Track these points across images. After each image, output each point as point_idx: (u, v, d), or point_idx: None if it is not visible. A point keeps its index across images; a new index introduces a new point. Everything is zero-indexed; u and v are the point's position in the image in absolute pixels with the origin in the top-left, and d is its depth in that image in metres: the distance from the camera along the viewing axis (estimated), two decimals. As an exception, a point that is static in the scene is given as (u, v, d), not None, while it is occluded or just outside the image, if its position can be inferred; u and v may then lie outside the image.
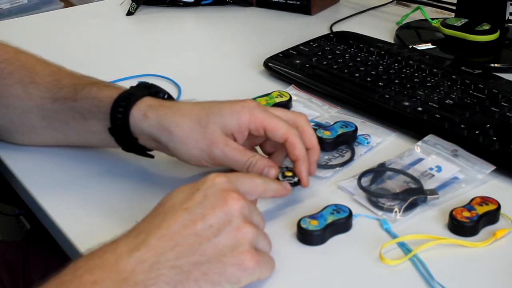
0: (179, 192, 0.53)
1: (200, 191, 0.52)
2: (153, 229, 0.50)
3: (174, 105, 0.64)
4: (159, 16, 1.21)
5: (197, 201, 0.51)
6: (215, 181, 0.53)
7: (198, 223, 0.50)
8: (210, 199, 0.51)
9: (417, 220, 0.62)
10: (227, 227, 0.51)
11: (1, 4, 1.80)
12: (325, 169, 0.70)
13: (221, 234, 0.50)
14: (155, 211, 0.53)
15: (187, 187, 0.53)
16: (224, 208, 0.51)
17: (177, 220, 0.50)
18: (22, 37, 1.13)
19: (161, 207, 0.52)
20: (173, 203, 0.52)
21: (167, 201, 0.53)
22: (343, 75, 0.86)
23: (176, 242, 0.49)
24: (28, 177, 0.71)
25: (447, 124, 0.74)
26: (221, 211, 0.51)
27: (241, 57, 1.01)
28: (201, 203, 0.51)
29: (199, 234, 0.50)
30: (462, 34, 0.98)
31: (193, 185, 0.53)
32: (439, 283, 0.54)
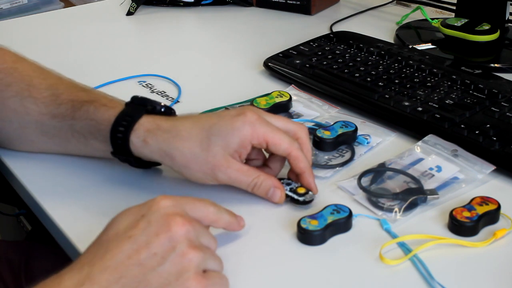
0: (123, 218, 0.51)
1: (145, 217, 0.50)
2: (97, 261, 0.48)
3: (172, 128, 0.63)
4: (159, 16, 1.21)
5: (141, 228, 0.50)
6: (159, 206, 0.51)
7: (142, 252, 0.49)
8: (154, 225, 0.50)
9: (417, 220, 0.62)
10: (172, 254, 0.49)
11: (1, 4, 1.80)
12: (325, 169, 0.70)
13: (165, 262, 0.49)
14: (99, 239, 0.51)
15: (132, 212, 0.52)
16: (168, 234, 0.49)
17: (120, 250, 0.48)
18: (22, 37, 1.13)
19: (105, 234, 0.51)
20: (117, 230, 0.50)
21: (111, 227, 0.51)
22: (343, 75, 0.86)
23: (120, 274, 0.48)
24: (28, 178, 0.71)
25: (447, 124, 0.74)
26: (165, 238, 0.49)
27: (241, 57, 1.01)
28: (145, 230, 0.49)
29: (143, 263, 0.48)
30: (462, 34, 0.98)
31: (138, 210, 0.52)
32: (439, 283, 0.54)
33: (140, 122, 0.64)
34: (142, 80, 0.94)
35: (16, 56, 0.75)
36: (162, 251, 0.49)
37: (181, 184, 0.67)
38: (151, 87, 0.91)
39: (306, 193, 0.64)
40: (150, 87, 0.91)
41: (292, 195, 0.64)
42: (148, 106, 0.66)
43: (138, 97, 0.67)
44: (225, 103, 0.82)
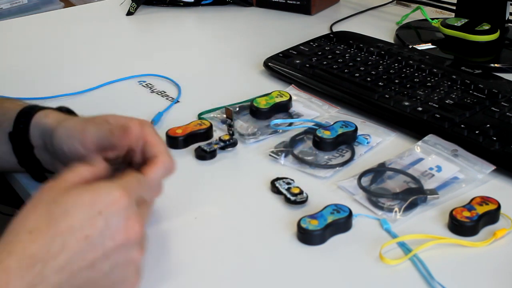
0: (76, 207, 0.49)
1: (102, 215, 0.48)
2: (50, 259, 0.46)
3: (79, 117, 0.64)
4: (159, 16, 1.21)
5: (98, 228, 0.48)
6: (119, 205, 0.49)
7: (97, 255, 0.48)
8: (111, 228, 0.49)
9: (417, 220, 0.62)
10: (123, 260, 0.50)
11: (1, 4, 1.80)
12: (325, 169, 0.70)
13: (116, 268, 0.49)
14: (47, 231, 0.47)
15: (87, 199, 0.49)
16: (124, 241, 0.49)
17: (75, 251, 0.47)
18: (22, 37, 1.13)
19: (55, 226, 0.47)
20: (72, 223, 0.48)
21: (62, 218, 0.48)
22: (343, 75, 0.86)
23: (72, 275, 0.47)
24: (28, 177, 0.71)
25: (447, 124, 0.74)
26: (121, 244, 0.49)
27: (241, 57, 1.01)
28: (102, 232, 0.48)
29: (95, 267, 0.48)
30: (462, 34, 0.98)
31: (94, 202, 0.49)
32: (439, 283, 0.54)
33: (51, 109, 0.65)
34: (142, 80, 0.94)
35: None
36: (115, 256, 0.49)
37: (188, 187, 0.67)
38: (151, 87, 0.91)
39: (300, 194, 0.65)
40: (150, 87, 0.91)
41: (286, 193, 0.65)
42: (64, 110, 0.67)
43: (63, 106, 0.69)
44: (225, 103, 0.82)
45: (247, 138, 0.76)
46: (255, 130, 0.78)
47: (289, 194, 0.65)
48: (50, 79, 0.96)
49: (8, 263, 0.45)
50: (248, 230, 0.62)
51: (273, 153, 0.73)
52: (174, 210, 0.65)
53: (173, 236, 0.61)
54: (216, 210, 0.65)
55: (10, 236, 0.47)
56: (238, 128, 0.78)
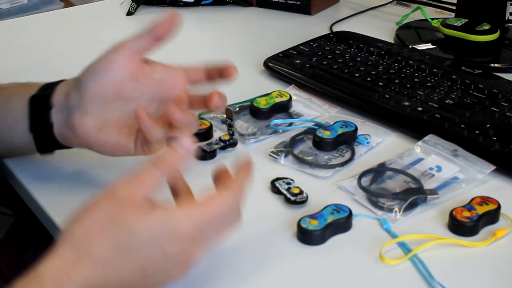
0: (144, 243, 0.48)
1: (164, 252, 0.49)
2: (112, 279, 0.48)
3: None
4: (159, 16, 1.21)
5: (157, 269, 0.49)
6: (184, 245, 0.49)
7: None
8: (168, 269, 0.50)
9: (417, 220, 0.62)
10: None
11: (1, 4, 1.80)
12: (325, 169, 0.70)
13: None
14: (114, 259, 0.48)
15: (154, 234, 0.49)
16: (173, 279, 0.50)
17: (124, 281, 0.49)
18: (22, 37, 1.13)
19: (123, 256, 0.48)
20: (137, 246, 0.48)
21: (131, 252, 0.48)
22: (343, 75, 0.86)
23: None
24: (28, 178, 0.71)
25: (447, 124, 0.74)
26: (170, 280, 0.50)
27: (241, 57, 1.01)
28: (156, 272, 0.49)
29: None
30: (462, 34, 0.98)
31: (159, 236, 0.49)
32: (439, 283, 0.54)
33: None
34: (142, 80, 0.93)
35: None
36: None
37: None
38: (151, 87, 0.91)
39: (300, 194, 0.65)
40: (150, 87, 0.91)
41: (286, 193, 0.65)
42: None
43: None
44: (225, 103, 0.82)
45: (247, 138, 0.76)
46: (255, 130, 0.78)
47: (289, 194, 0.65)
48: (50, 79, 0.95)
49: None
50: (248, 230, 0.62)
51: (273, 153, 0.73)
52: (174, 210, 0.64)
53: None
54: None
55: (70, 253, 0.48)
56: (238, 128, 0.78)
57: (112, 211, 0.49)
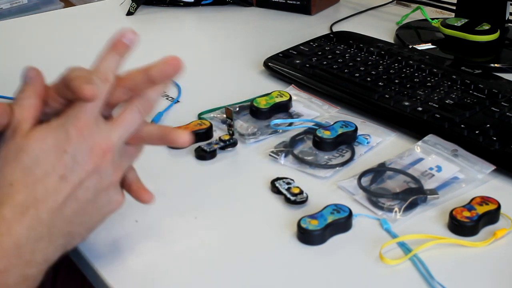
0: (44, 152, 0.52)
1: (69, 154, 0.52)
2: (39, 203, 0.51)
3: None
4: (159, 16, 1.21)
5: (69, 166, 0.52)
6: (79, 139, 0.53)
7: (77, 189, 0.52)
8: (79, 162, 0.52)
9: (417, 220, 0.62)
10: (102, 185, 0.54)
11: (1, 4, 1.80)
12: (325, 169, 0.70)
13: (99, 195, 0.54)
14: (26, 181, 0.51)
15: (51, 142, 0.52)
16: (95, 169, 0.53)
17: (58, 191, 0.51)
18: (22, 37, 1.13)
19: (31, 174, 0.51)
20: (46, 168, 0.51)
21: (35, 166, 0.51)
22: (343, 75, 0.86)
23: (63, 212, 0.52)
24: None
25: (447, 124, 0.74)
26: (92, 173, 0.53)
27: (241, 57, 1.01)
28: (73, 168, 0.52)
29: (80, 198, 0.53)
30: (462, 34, 0.98)
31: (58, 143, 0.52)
32: (439, 283, 0.54)
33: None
34: (142, 80, 0.93)
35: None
36: (93, 183, 0.53)
37: (188, 187, 0.67)
38: (151, 87, 0.91)
39: (300, 194, 0.65)
40: (150, 87, 0.91)
41: (286, 193, 0.65)
42: None
43: None
44: (225, 103, 0.82)
45: (247, 138, 0.76)
46: (255, 130, 0.78)
47: (289, 194, 0.65)
48: (50, 79, 0.96)
49: (3, 213, 0.49)
50: (248, 230, 0.62)
51: (273, 153, 0.73)
52: (174, 210, 0.65)
53: (173, 236, 0.61)
54: (216, 210, 0.65)
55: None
56: (238, 128, 0.78)
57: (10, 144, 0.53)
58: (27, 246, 0.50)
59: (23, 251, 0.49)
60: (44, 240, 0.51)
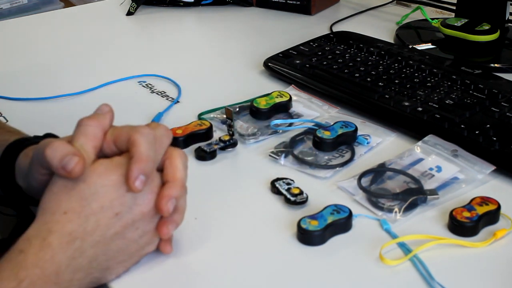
0: (105, 188, 0.52)
1: (131, 193, 0.53)
2: (87, 236, 0.51)
3: None
4: (159, 16, 1.21)
5: (127, 205, 0.53)
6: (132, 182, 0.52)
7: (128, 228, 0.53)
8: (140, 204, 0.53)
9: (417, 220, 0.62)
10: (149, 228, 0.55)
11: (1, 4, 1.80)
12: (325, 169, 0.70)
13: (144, 236, 0.55)
14: (81, 211, 0.51)
15: (115, 178, 0.52)
16: (151, 213, 0.54)
17: (109, 227, 0.52)
18: (22, 37, 1.13)
19: (88, 206, 0.51)
20: (103, 204, 0.52)
21: (93, 199, 0.52)
22: (343, 75, 0.86)
23: (107, 248, 0.53)
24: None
25: (447, 124, 0.74)
26: (147, 215, 0.54)
27: (241, 57, 1.01)
28: (131, 208, 0.53)
29: (127, 237, 0.54)
30: (462, 34, 0.98)
31: (122, 182, 0.52)
32: (439, 283, 0.54)
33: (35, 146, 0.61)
34: (142, 80, 0.94)
35: None
36: (143, 226, 0.54)
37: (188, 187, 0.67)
38: (151, 87, 0.91)
39: (300, 194, 0.65)
40: (150, 87, 0.91)
41: (286, 194, 0.65)
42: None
43: (51, 133, 0.66)
44: (225, 103, 0.82)
45: (247, 139, 0.76)
46: (255, 131, 0.78)
47: (289, 195, 0.65)
48: (50, 79, 0.96)
49: (51, 240, 0.50)
50: (248, 231, 0.62)
51: (273, 153, 0.73)
52: (174, 210, 0.64)
53: (173, 236, 0.61)
54: (216, 210, 0.65)
55: (46, 216, 0.52)
56: (238, 128, 0.78)
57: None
58: (66, 275, 0.51)
59: (62, 279, 0.50)
60: (82, 271, 0.52)
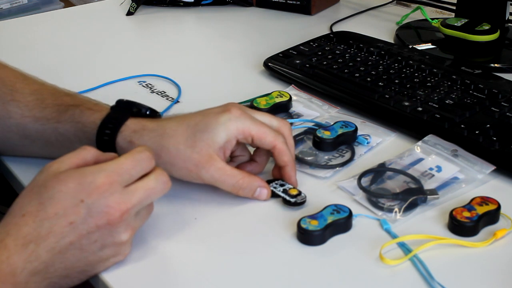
0: (61, 194, 0.52)
1: (85, 204, 0.52)
2: (41, 241, 0.52)
3: (158, 127, 0.64)
4: (159, 16, 1.21)
5: (81, 216, 0.52)
6: (99, 192, 0.53)
7: (83, 239, 0.53)
8: (93, 215, 0.53)
9: (417, 220, 0.62)
10: (110, 241, 0.54)
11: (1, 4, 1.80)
12: (325, 169, 0.70)
13: (104, 248, 0.54)
14: (37, 215, 0.52)
15: (71, 190, 0.52)
16: (107, 226, 0.53)
17: (63, 235, 0.52)
18: (22, 37, 1.13)
19: (43, 211, 0.52)
20: (57, 210, 0.52)
21: (49, 204, 0.52)
22: (343, 75, 0.86)
23: (63, 256, 0.53)
24: (29, 179, 0.71)
25: (447, 124, 0.74)
26: (104, 229, 0.53)
27: (241, 57, 1.01)
28: (86, 220, 0.52)
29: (84, 248, 0.53)
30: (462, 34, 0.98)
31: (78, 190, 0.53)
32: (439, 283, 0.54)
33: (126, 124, 0.64)
34: (142, 80, 0.94)
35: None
36: (102, 239, 0.54)
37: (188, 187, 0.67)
38: (151, 87, 0.91)
39: (299, 195, 0.65)
40: (150, 87, 0.91)
41: (284, 196, 0.64)
42: (134, 109, 0.66)
43: (123, 100, 0.67)
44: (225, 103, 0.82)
45: (247, 138, 0.76)
46: (255, 130, 0.77)
47: (288, 197, 0.64)
48: (49, 79, 0.95)
49: (7, 242, 0.51)
50: (248, 231, 0.62)
51: (273, 153, 0.73)
52: (174, 210, 0.65)
53: (173, 237, 0.61)
54: (216, 210, 0.65)
55: (8, 218, 0.53)
56: (238, 128, 0.78)
57: (40, 178, 0.55)
58: (22, 277, 0.51)
59: (18, 280, 0.51)
60: (39, 275, 0.52)
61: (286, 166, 0.65)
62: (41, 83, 0.73)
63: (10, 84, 0.71)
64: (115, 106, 0.67)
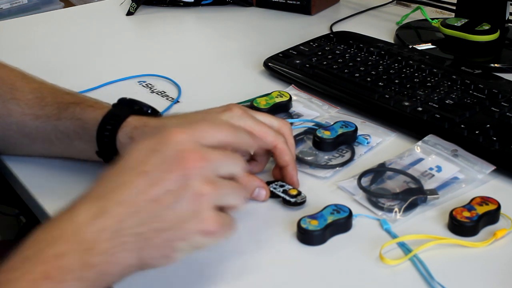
0: (137, 151, 0.51)
1: (157, 152, 0.49)
2: (110, 195, 0.48)
3: (159, 124, 0.63)
4: (159, 16, 1.21)
5: (154, 164, 0.49)
6: (173, 140, 0.50)
7: (156, 188, 0.48)
8: (167, 161, 0.49)
9: (417, 220, 0.62)
10: (186, 192, 0.49)
11: (1, 4, 1.80)
12: (325, 169, 0.70)
13: (180, 200, 0.48)
14: (114, 172, 0.50)
15: (145, 145, 0.51)
16: (182, 171, 0.49)
17: (133, 186, 0.48)
18: (22, 37, 1.13)
19: (120, 167, 0.50)
20: (131, 165, 0.50)
21: (126, 161, 0.50)
22: (343, 75, 0.86)
23: (135, 208, 0.48)
24: (28, 178, 0.71)
25: (447, 124, 0.74)
26: (178, 175, 0.48)
27: (241, 57, 1.01)
28: (158, 166, 0.49)
29: (158, 199, 0.48)
30: (462, 34, 0.98)
31: (153, 143, 0.50)
32: (439, 283, 0.54)
33: (127, 120, 0.64)
34: (142, 80, 0.94)
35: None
36: (176, 188, 0.48)
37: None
38: (151, 87, 0.91)
39: (298, 195, 0.64)
40: (150, 87, 0.91)
41: (284, 196, 0.64)
42: (135, 107, 0.67)
43: (125, 98, 0.68)
44: (225, 103, 0.82)
45: (247, 138, 0.76)
46: (255, 130, 0.77)
47: (288, 197, 0.64)
48: (50, 79, 0.95)
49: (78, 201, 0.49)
50: (248, 230, 0.62)
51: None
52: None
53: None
54: (216, 210, 0.65)
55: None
56: (238, 128, 0.78)
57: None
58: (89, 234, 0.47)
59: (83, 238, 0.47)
60: (107, 231, 0.47)
61: (287, 166, 0.65)
62: (41, 81, 0.73)
63: (9, 82, 0.71)
64: (116, 104, 0.67)
